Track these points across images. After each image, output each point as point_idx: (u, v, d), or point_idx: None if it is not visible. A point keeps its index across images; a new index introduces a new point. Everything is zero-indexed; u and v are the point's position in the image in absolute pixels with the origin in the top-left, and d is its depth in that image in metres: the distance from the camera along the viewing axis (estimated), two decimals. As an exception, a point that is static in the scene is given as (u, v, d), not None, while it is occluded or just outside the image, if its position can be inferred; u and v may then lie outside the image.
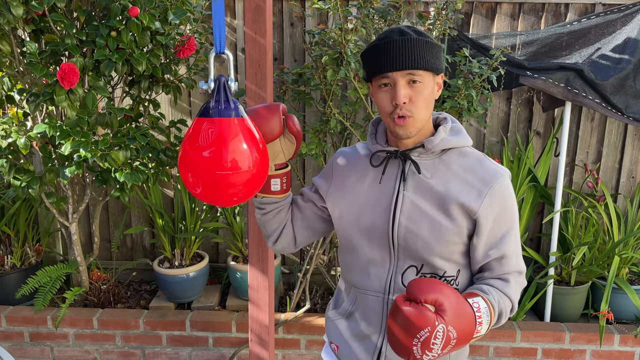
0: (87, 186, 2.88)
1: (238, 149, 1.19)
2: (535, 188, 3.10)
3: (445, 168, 1.29)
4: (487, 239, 1.28)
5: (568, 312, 3.01)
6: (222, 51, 1.26)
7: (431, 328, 1.10)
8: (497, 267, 1.29)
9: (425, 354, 1.12)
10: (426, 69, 1.22)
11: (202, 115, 1.22)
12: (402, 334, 1.13)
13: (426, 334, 1.10)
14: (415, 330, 1.10)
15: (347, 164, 1.41)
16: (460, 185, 1.27)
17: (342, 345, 1.44)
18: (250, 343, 2.49)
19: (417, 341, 1.11)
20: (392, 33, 1.24)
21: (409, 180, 1.30)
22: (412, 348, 1.12)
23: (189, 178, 1.22)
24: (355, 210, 1.35)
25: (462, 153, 1.31)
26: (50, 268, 2.89)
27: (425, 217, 1.27)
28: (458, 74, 2.74)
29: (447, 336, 1.11)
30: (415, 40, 1.21)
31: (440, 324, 1.11)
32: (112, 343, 2.86)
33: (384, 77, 1.23)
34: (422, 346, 1.11)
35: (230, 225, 3.14)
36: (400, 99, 1.21)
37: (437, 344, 1.11)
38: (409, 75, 1.21)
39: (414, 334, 1.11)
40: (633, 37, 2.89)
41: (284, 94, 2.99)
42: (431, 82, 1.25)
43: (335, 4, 2.59)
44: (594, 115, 3.25)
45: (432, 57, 1.23)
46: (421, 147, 1.29)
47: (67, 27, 2.26)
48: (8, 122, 2.55)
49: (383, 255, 1.33)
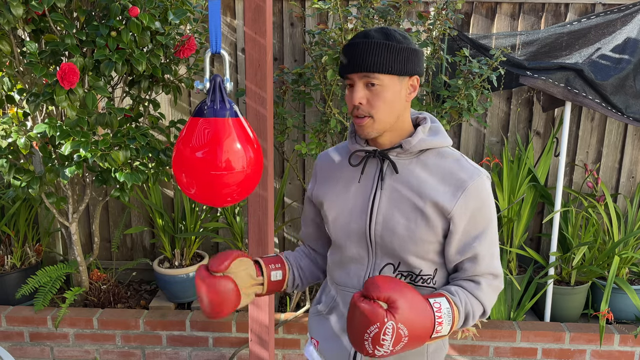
0: (87, 186, 2.88)
1: (232, 149, 1.19)
2: (535, 188, 3.10)
3: (421, 168, 1.31)
4: (460, 239, 1.28)
5: (568, 312, 3.01)
6: (218, 51, 1.27)
7: (380, 324, 1.12)
8: (469, 267, 1.29)
9: (376, 349, 1.15)
10: (383, 72, 1.22)
11: (197, 114, 1.22)
12: (356, 328, 1.16)
13: (375, 330, 1.13)
14: (366, 325, 1.13)
15: (329, 165, 1.45)
16: (436, 185, 1.28)
17: (322, 341, 1.47)
18: (250, 343, 2.49)
19: (368, 336, 1.14)
20: (358, 35, 1.27)
21: (387, 180, 1.32)
22: (364, 343, 1.15)
23: (183, 178, 1.22)
24: (336, 209, 1.38)
25: (440, 153, 1.32)
26: (50, 268, 2.89)
27: (401, 216, 1.29)
28: (458, 74, 2.74)
29: (397, 333, 1.13)
30: (377, 43, 1.22)
31: (389, 320, 1.13)
32: (112, 343, 2.86)
33: (347, 78, 1.27)
34: (373, 341, 1.14)
35: (230, 225, 3.14)
36: (355, 100, 1.25)
37: (386, 340, 1.13)
38: (365, 78, 1.24)
39: (364, 329, 1.14)
40: (633, 37, 2.89)
41: (284, 94, 2.99)
42: (395, 85, 1.25)
43: (335, 4, 2.59)
44: (594, 115, 3.25)
45: (395, 60, 1.23)
46: (399, 147, 1.30)
47: (67, 27, 2.26)
48: (8, 122, 2.55)
49: (362, 253, 1.36)
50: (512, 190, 3.05)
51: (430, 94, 2.96)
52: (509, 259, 3.10)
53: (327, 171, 1.44)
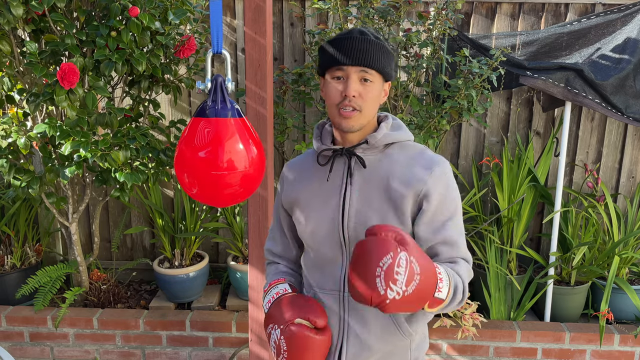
0: (87, 186, 2.88)
1: (234, 149, 1.20)
2: (535, 188, 3.10)
3: (388, 160, 1.34)
4: (430, 221, 1.29)
5: (568, 312, 3.01)
6: (220, 51, 1.27)
7: (394, 254, 1.05)
8: (445, 251, 1.30)
9: (389, 287, 1.05)
10: (378, 70, 1.28)
11: (199, 115, 1.22)
12: (364, 266, 1.07)
13: (389, 261, 1.05)
14: (378, 257, 1.05)
15: (295, 171, 1.46)
16: (404, 172, 1.31)
17: None
18: (250, 343, 2.49)
19: (381, 270, 1.05)
20: (353, 32, 1.29)
21: (355, 176, 1.34)
22: (376, 280, 1.05)
23: (185, 178, 1.22)
24: (307, 211, 1.39)
25: (403, 146, 1.37)
26: (50, 268, 2.89)
27: (373, 208, 1.31)
28: (458, 74, 2.74)
29: (410, 267, 1.06)
30: (373, 42, 1.27)
31: (402, 251, 1.06)
32: (112, 343, 2.86)
33: (339, 69, 1.28)
34: (386, 276, 1.04)
35: (230, 225, 3.14)
36: (351, 92, 1.26)
37: (400, 274, 1.05)
38: (362, 72, 1.27)
39: (376, 261, 1.05)
40: (633, 37, 2.89)
41: (284, 94, 2.99)
42: (380, 85, 1.31)
43: (335, 4, 2.59)
44: (594, 115, 3.25)
45: (386, 62, 1.29)
46: (365, 142, 1.34)
47: (67, 27, 2.26)
48: (8, 122, 2.55)
49: (335, 252, 1.36)
50: (512, 190, 3.05)
51: (430, 94, 2.96)
52: (509, 259, 3.10)
53: (293, 176, 1.45)
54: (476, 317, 2.65)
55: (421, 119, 2.75)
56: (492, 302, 2.92)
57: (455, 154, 3.32)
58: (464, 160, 3.31)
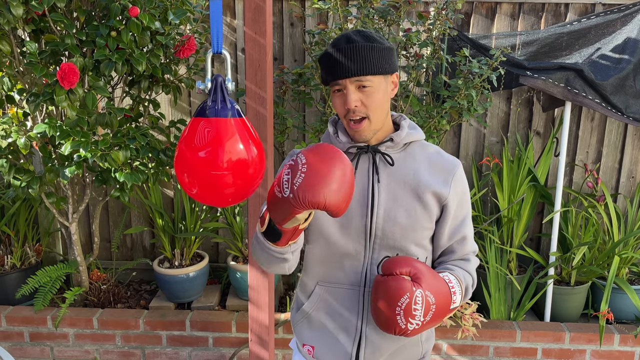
0: (87, 186, 2.88)
1: (234, 149, 1.19)
2: (535, 188, 3.10)
3: (412, 159, 1.38)
4: (451, 223, 1.38)
5: (568, 312, 3.01)
6: (220, 51, 1.27)
7: (410, 294, 1.17)
8: (458, 249, 1.40)
9: (409, 322, 1.18)
10: (374, 73, 1.27)
11: (199, 115, 1.22)
12: (385, 306, 1.19)
13: (406, 300, 1.17)
14: (396, 298, 1.17)
15: None
16: (429, 173, 1.36)
17: (318, 344, 1.44)
18: (250, 343, 2.49)
19: (400, 309, 1.17)
20: (340, 40, 1.28)
21: (382, 174, 1.36)
22: (396, 318, 1.18)
23: (184, 178, 1.22)
24: None
25: (422, 145, 1.41)
26: (50, 268, 2.89)
27: (402, 205, 1.34)
28: (458, 74, 2.74)
29: (426, 301, 1.18)
30: (362, 46, 1.26)
31: (417, 289, 1.18)
32: (112, 343, 2.86)
33: (335, 83, 1.29)
34: (405, 314, 1.17)
35: (230, 225, 3.14)
36: (351, 104, 1.27)
37: (418, 310, 1.17)
38: (357, 82, 1.27)
39: (395, 302, 1.17)
40: (633, 37, 2.89)
41: (284, 94, 2.99)
42: (383, 84, 1.30)
43: (335, 4, 2.59)
44: (594, 115, 3.25)
45: (380, 60, 1.28)
46: (389, 140, 1.36)
47: (67, 27, 2.26)
48: (8, 122, 2.54)
49: (358, 248, 1.36)
50: (512, 190, 3.05)
51: (430, 94, 2.96)
52: (509, 259, 3.10)
53: None
54: (476, 317, 2.65)
55: (421, 119, 2.75)
56: (492, 302, 2.92)
57: (455, 154, 3.32)
58: (464, 160, 3.31)
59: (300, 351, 1.51)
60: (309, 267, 1.45)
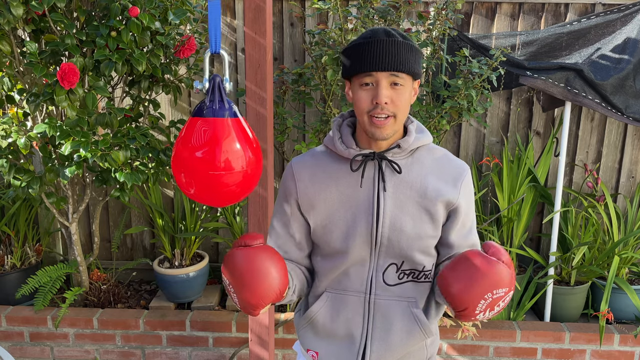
0: (87, 186, 2.88)
1: (231, 149, 1.19)
2: (535, 188, 3.09)
3: (419, 165, 1.34)
4: (459, 229, 1.35)
5: (568, 312, 3.01)
6: (218, 51, 1.27)
7: (508, 290, 1.13)
8: None
9: (484, 312, 1.13)
10: (408, 72, 1.24)
11: (196, 114, 1.21)
12: (479, 283, 1.12)
13: (501, 293, 1.12)
14: (494, 286, 1.11)
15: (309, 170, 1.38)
16: (437, 179, 1.33)
17: (323, 350, 1.42)
18: (250, 343, 2.49)
19: (490, 297, 1.12)
20: (378, 33, 1.24)
21: (388, 181, 1.32)
22: (480, 302, 1.12)
23: (182, 178, 1.22)
24: (337, 216, 1.34)
25: (429, 149, 1.38)
26: (50, 268, 2.89)
27: (408, 214, 1.31)
28: (458, 74, 2.74)
29: (506, 302, 1.15)
30: (401, 43, 1.23)
31: (511, 290, 1.14)
32: (112, 343, 2.86)
33: (367, 75, 1.23)
34: (490, 304, 1.12)
35: (230, 225, 3.14)
36: (382, 99, 1.22)
37: (499, 306, 1.14)
38: (392, 77, 1.23)
39: (491, 288, 1.11)
40: (633, 37, 2.89)
41: (284, 94, 2.99)
42: (410, 87, 1.28)
43: (335, 4, 2.59)
44: (594, 115, 3.25)
45: (414, 62, 1.26)
46: (397, 147, 1.31)
47: (67, 27, 2.26)
48: (8, 122, 2.55)
49: (363, 255, 1.34)
50: (512, 190, 3.05)
51: (430, 94, 2.96)
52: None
53: (309, 177, 1.37)
54: (476, 317, 2.65)
55: (421, 119, 2.75)
56: (492, 302, 2.92)
57: (455, 154, 3.32)
58: (464, 160, 3.31)
59: (305, 355, 1.50)
60: (317, 276, 1.43)
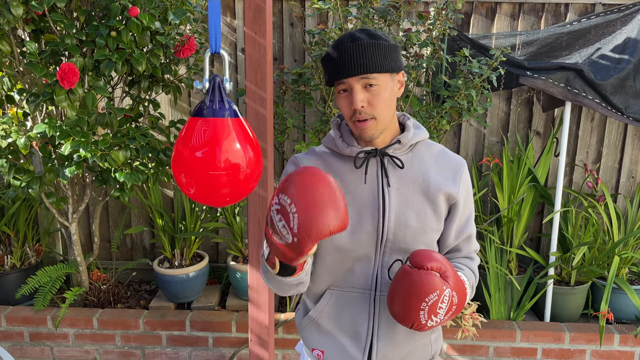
0: (87, 186, 2.88)
1: (231, 149, 1.19)
2: (535, 188, 3.09)
3: (419, 160, 1.37)
4: (458, 222, 1.38)
5: (568, 312, 3.01)
6: (217, 51, 1.27)
7: (439, 292, 1.16)
8: (464, 247, 1.42)
9: (430, 319, 1.17)
10: (380, 71, 1.24)
11: (196, 114, 1.21)
12: (410, 299, 1.16)
13: (434, 298, 1.15)
14: (424, 294, 1.15)
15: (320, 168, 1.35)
16: (437, 173, 1.36)
17: (328, 349, 1.42)
18: (250, 343, 2.49)
19: (426, 305, 1.15)
20: (344, 39, 1.25)
21: (391, 176, 1.34)
22: (419, 313, 1.16)
23: (182, 178, 1.22)
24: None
25: (427, 145, 1.41)
26: (50, 268, 2.89)
27: (412, 209, 1.33)
28: (458, 74, 2.74)
29: (450, 301, 1.17)
30: (367, 44, 1.23)
31: (447, 288, 1.17)
32: (112, 343, 2.86)
33: (341, 83, 1.25)
34: (430, 310, 1.16)
35: (230, 225, 3.14)
36: (358, 104, 1.24)
37: (442, 308, 1.17)
38: (363, 80, 1.23)
39: (423, 297, 1.15)
40: (633, 37, 2.89)
41: (284, 94, 2.99)
42: (389, 83, 1.27)
43: (335, 4, 2.59)
44: (594, 115, 3.25)
45: (387, 58, 1.25)
46: (397, 142, 1.34)
47: (67, 27, 2.26)
48: (8, 122, 2.54)
49: (369, 252, 1.35)
50: (512, 190, 3.05)
51: (430, 94, 2.96)
52: (509, 259, 3.10)
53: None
54: (476, 317, 2.65)
55: (421, 119, 2.75)
56: (492, 302, 2.92)
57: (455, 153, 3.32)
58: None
59: (310, 355, 1.50)
60: (318, 275, 1.41)
